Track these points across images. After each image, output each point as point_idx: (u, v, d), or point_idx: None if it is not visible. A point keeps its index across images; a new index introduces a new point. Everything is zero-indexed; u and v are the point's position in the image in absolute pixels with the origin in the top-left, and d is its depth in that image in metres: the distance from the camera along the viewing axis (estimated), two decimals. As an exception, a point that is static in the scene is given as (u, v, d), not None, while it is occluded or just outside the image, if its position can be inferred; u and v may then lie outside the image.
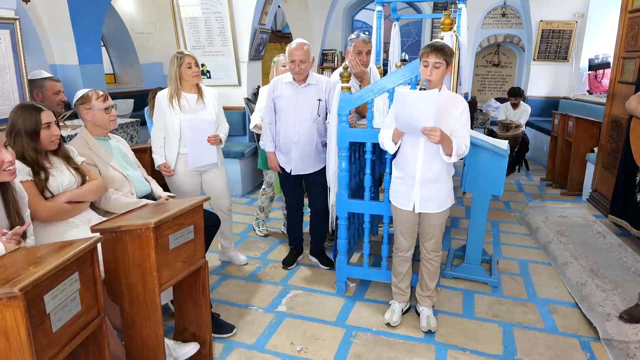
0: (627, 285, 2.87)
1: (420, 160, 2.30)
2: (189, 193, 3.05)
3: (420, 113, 2.07)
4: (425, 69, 2.21)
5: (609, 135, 4.23)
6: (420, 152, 2.30)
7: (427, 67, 2.20)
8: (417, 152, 2.31)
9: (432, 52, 2.17)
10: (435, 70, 2.19)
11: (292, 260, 3.35)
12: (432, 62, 2.18)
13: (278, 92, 3.03)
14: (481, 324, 2.64)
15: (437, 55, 2.17)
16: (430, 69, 2.19)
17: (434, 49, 2.18)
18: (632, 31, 3.84)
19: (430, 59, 2.18)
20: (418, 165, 2.31)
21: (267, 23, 5.34)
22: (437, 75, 2.20)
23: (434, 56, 2.17)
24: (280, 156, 3.13)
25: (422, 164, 2.30)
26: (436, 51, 2.17)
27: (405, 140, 2.34)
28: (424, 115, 2.07)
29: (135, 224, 1.64)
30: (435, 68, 2.19)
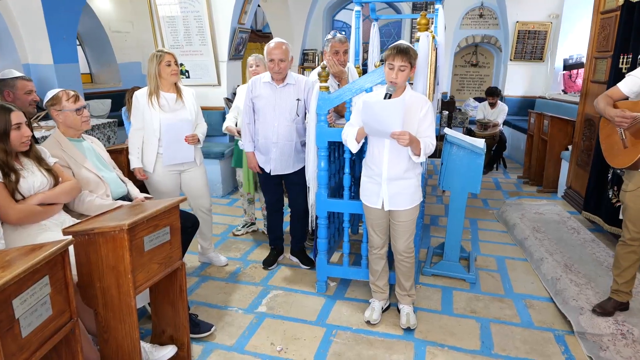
0: (599, 280, 2.95)
1: (386, 158, 2.33)
2: (167, 193, 3.01)
3: (388, 120, 2.12)
4: (390, 71, 2.22)
5: (582, 134, 4.33)
6: (385, 151, 2.33)
7: (392, 70, 2.21)
8: (382, 150, 2.33)
9: (397, 54, 2.19)
10: (400, 72, 2.21)
11: (273, 260, 3.34)
12: (398, 65, 2.20)
13: (257, 92, 3.01)
14: (459, 320, 2.68)
15: (402, 58, 2.19)
16: (395, 71, 2.20)
17: (399, 52, 2.19)
18: (604, 32, 3.94)
19: (396, 62, 2.19)
20: (384, 163, 2.34)
21: (247, 22, 5.32)
22: (402, 78, 2.22)
23: (400, 59, 2.19)
24: (260, 156, 3.12)
25: (388, 162, 2.33)
26: (401, 54, 2.18)
27: (371, 140, 2.37)
28: (391, 122, 2.12)
29: (108, 225, 1.61)
30: (401, 71, 2.21)
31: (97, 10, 7.06)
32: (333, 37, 3.05)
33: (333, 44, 3.03)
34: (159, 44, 5.16)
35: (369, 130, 2.23)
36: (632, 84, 2.37)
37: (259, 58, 3.68)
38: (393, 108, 2.08)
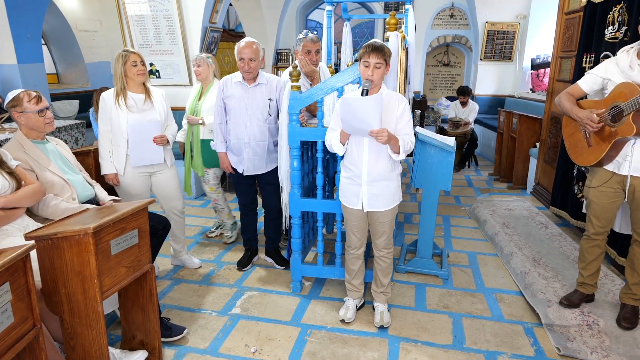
0: (566, 273, 3.04)
1: (366, 159, 2.34)
2: (137, 196, 2.96)
3: (366, 117, 2.11)
4: (366, 69, 2.23)
5: (549, 131, 4.46)
6: (365, 152, 2.33)
7: (368, 67, 2.22)
8: (362, 151, 2.34)
9: (372, 52, 2.20)
10: (376, 70, 2.22)
11: (247, 261, 3.32)
12: (373, 63, 2.20)
13: (228, 92, 2.99)
14: (432, 315, 2.72)
15: (378, 56, 2.20)
16: (371, 68, 2.21)
17: (373, 50, 2.20)
18: (568, 32, 4.06)
19: (372, 59, 2.20)
20: (364, 164, 2.35)
21: (219, 22, 5.26)
22: (378, 75, 2.23)
23: (375, 56, 2.20)
24: (232, 156, 3.09)
25: (367, 163, 2.34)
26: (376, 51, 2.19)
27: (351, 141, 2.37)
28: (370, 119, 2.11)
29: (72, 229, 1.56)
30: (376, 68, 2.21)
31: (63, 9, 6.86)
32: (305, 37, 3.05)
33: (305, 44, 3.03)
34: (127, 43, 5.05)
35: (347, 128, 2.22)
36: (592, 82, 2.44)
37: (200, 58, 3.62)
38: (371, 104, 2.08)
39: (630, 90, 2.18)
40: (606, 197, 2.42)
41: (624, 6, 2.99)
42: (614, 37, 3.10)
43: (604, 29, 3.23)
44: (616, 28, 3.07)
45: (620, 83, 2.24)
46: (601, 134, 2.34)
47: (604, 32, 3.21)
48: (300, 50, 3.06)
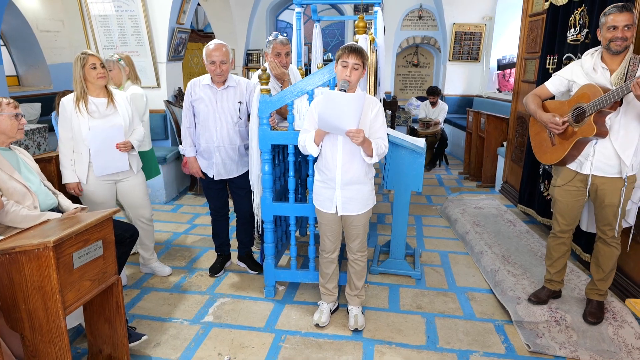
0: (534, 269, 3.12)
1: (340, 162, 2.33)
2: (102, 205, 2.86)
3: (346, 115, 2.09)
4: (344, 69, 2.22)
5: (515, 131, 4.57)
6: (339, 155, 2.32)
7: (346, 68, 2.21)
8: (336, 155, 2.33)
9: (351, 53, 2.19)
10: (354, 71, 2.21)
11: (220, 267, 3.26)
12: (352, 63, 2.20)
13: (196, 95, 2.92)
14: (406, 316, 2.73)
15: (356, 57, 2.19)
16: (349, 69, 2.21)
17: (352, 50, 2.20)
18: (532, 34, 4.17)
19: (350, 59, 2.20)
20: (338, 168, 2.34)
21: (186, 22, 5.16)
22: (355, 77, 2.23)
23: (354, 57, 2.19)
24: (202, 161, 3.03)
25: (341, 167, 2.33)
26: (355, 52, 2.20)
27: (325, 144, 2.35)
28: (349, 117, 2.10)
29: (31, 243, 1.49)
30: (354, 69, 2.21)
31: (23, 9, 6.58)
32: (274, 39, 3.02)
33: (275, 46, 3.01)
34: (91, 44, 4.89)
35: (323, 125, 2.19)
36: (558, 84, 2.51)
37: (111, 61, 3.29)
38: (353, 102, 2.06)
39: (592, 92, 2.24)
40: (570, 196, 2.49)
41: (584, 9, 3.08)
42: (575, 39, 3.19)
43: (566, 31, 3.33)
44: (578, 30, 3.17)
45: (584, 85, 2.31)
46: (564, 133, 2.40)
47: (567, 35, 3.31)
48: (270, 52, 3.03)
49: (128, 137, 2.84)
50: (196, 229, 4.16)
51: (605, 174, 2.35)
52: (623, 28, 2.21)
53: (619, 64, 2.29)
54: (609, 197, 2.37)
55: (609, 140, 2.29)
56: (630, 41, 2.23)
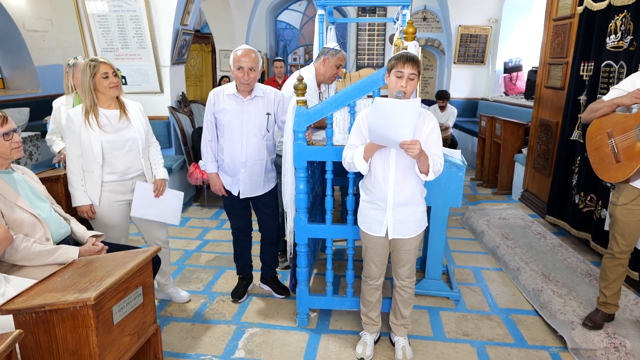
0: (579, 289, 2.95)
1: (392, 182, 2.11)
2: (116, 227, 2.59)
3: (400, 124, 1.87)
4: (398, 79, 2.01)
5: (538, 138, 4.41)
6: (391, 174, 2.11)
7: (401, 78, 2.00)
8: (388, 173, 2.11)
9: (407, 62, 1.99)
10: (410, 81, 2.01)
11: (243, 291, 3.01)
12: (408, 74, 1.99)
13: (220, 106, 2.67)
14: (454, 345, 2.53)
15: (412, 66, 1.99)
16: (405, 79, 2.00)
17: (408, 60, 1.99)
18: (558, 39, 4.01)
19: (406, 69, 1.99)
20: (390, 187, 2.12)
21: (190, 24, 4.88)
22: (411, 87, 2.02)
23: (409, 67, 1.99)
24: (225, 178, 2.77)
25: (394, 186, 2.11)
26: (411, 62, 1.99)
27: (374, 161, 2.13)
28: (404, 127, 1.88)
29: (66, 300, 1.23)
30: (410, 79, 2.01)
31: (9, 7, 6.19)
32: (340, 50, 3.09)
33: (340, 57, 3.07)
34: (88, 46, 4.57)
35: (374, 137, 1.98)
36: (617, 97, 2.34)
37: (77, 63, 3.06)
38: (408, 109, 1.84)
39: (665, 106, 2.07)
40: (633, 215, 2.32)
41: (627, 15, 2.92)
42: (617, 46, 3.03)
43: (604, 37, 3.16)
44: (619, 37, 3.00)
45: (655, 98, 2.13)
46: (631, 150, 2.22)
47: (605, 41, 3.15)
48: (334, 61, 3.03)
49: (145, 153, 2.61)
50: (208, 245, 3.90)
51: (675, 193, 2.18)
52: None
53: (688, 76, 2.12)
54: (677, 217, 2.20)
55: (681, 156, 2.12)
56: None
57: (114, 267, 1.41)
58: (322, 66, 3.09)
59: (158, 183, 2.67)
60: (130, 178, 2.57)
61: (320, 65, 3.10)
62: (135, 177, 2.59)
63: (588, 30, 3.36)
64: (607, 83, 3.14)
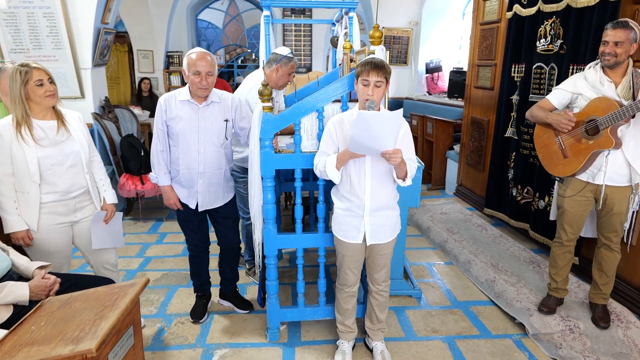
0: (526, 276, 3.16)
1: (369, 188, 2.09)
2: (58, 253, 2.29)
3: (383, 135, 1.86)
4: (365, 88, 1.99)
5: (470, 135, 4.68)
6: (367, 180, 2.09)
7: (367, 87, 1.98)
8: (364, 179, 2.09)
9: (373, 70, 1.96)
10: (376, 89, 1.99)
11: (203, 310, 2.81)
12: (374, 81, 1.97)
13: (172, 113, 2.45)
14: (427, 343, 2.58)
15: (378, 74, 1.97)
16: (371, 87, 1.98)
17: (374, 67, 1.96)
18: (486, 42, 4.28)
19: (372, 77, 1.96)
20: (367, 193, 2.09)
21: (111, 22, 4.46)
22: (378, 95, 2.00)
23: (375, 75, 1.96)
24: (181, 190, 2.56)
25: (370, 192, 2.09)
26: (376, 69, 1.96)
27: (349, 169, 2.09)
28: (386, 138, 1.87)
29: (61, 355, 1.02)
30: (377, 87, 1.99)
31: None
32: (292, 57, 2.99)
33: (293, 65, 2.97)
34: (-10, 46, 3.99)
35: (356, 148, 1.93)
36: (562, 97, 2.53)
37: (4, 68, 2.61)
38: (391, 121, 1.83)
39: (607, 105, 2.28)
40: (580, 206, 2.53)
41: (557, 20, 3.19)
42: (547, 49, 3.30)
43: (534, 41, 3.43)
44: (549, 41, 3.27)
45: (597, 98, 2.34)
46: (577, 146, 2.42)
47: (535, 44, 3.41)
48: (286, 69, 2.91)
49: (89, 168, 2.35)
50: (152, 263, 3.60)
51: (615, 183, 2.41)
52: (613, 44, 2.27)
53: (621, 77, 2.35)
54: (617, 206, 2.44)
55: (620, 150, 2.35)
56: (621, 57, 2.28)
57: (101, 306, 1.20)
58: (274, 73, 2.97)
59: (110, 208, 2.42)
60: (73, 197, 2.27)
61: (272, 73, 2.98)
62: (78, 195, 2.30)
63: (518, 34, 3.62)
64: (538, 84, 3.41)
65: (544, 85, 3.35)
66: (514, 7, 3.59)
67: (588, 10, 2.87)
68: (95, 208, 2.39)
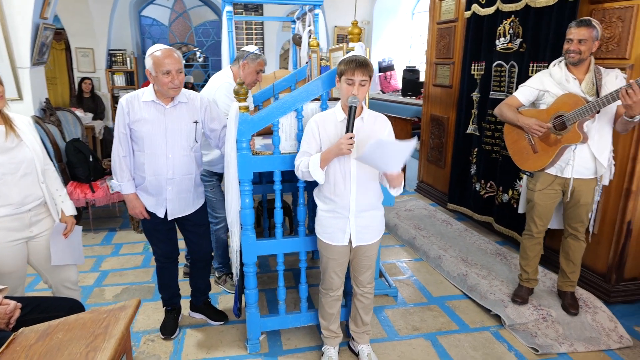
0: (496, 268, 3.25)
1: (354, 188, 2.04)
2: (13, 273, 2.04)
3: (393, 160, 1.88)
4: (349, 87, 1.93)
5: (430, 132, 4.77)
6: (353, 180, 2.03)
7: (351, 86, 1.93)
8: (349, 180, 2.03)
9: (357, 68, 1.91)
10: (361, 88, 1.94)
11: (174, 325, 2.64)
12: (359, 80, 1.92)
13: (136, 116, 2.27)
14: (410, 342, 2.57)
15: (363, 73, 1.92)
16: (356, 87, 1.93)
17: (358, 66, 1.91)
18: (443, 41, 4.37)
19: (357, 77, 1.91)
20: (352, 194, 2.04)
21: (50, 17, 4.10)
22: (363, 93, 1.96)
23: (360, 74, 1.91)
24: (148, 198, 2.38)
25: (356, 193, 2.04)
26: (361, 68, 1.91)
27: (334, 169, 2.03)
28: (396, 162, 1.89)
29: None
30: (361, 85, 1.94)
31: None
32: (260, 55, 2.85)
33: (261, 62, 2.82)
34: None
35: (362, 160, 1.90)
36: (528, 94, 2.60)
37: None
38: (405, 151, 1.84)
39: (574, 101, 2.36)
40: (549, 199, 2.62)
41: (515, 20, 3.29)
42: (507, 47, 3.40)
43: (494, 40, 3.52)
44: (508, 39, 3.38)
45: (564, 94, 2.42)
46: (546, 141, 2.50)
47: (495, 43, 3.51)
48: (254, 66, 2.77)
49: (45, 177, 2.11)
50: (109, 277, 3.34)
51: (582, 176, 2.51)
52: (577, 41, 2.37)
53: (584, 74, 2.45)
54: (584, 197, 2.54)
55: (586, 145, 2.45)
56: (585, 55, 2.39)
57: (90, 336, 1.05)
58: (241, 71, 2.86)
59: (69, 221, 2.20)
60: (28, 210, 2.03)
61: (239, 70, 2.86)
62: (34, 207, 2.06)
63: (477, 33, 3.71)
64: (499, 81, 3.51)
65: (504, 82, 3.46)
66: (472, 6, 3.68)
67: (547, 10, 2.98)
68: (53, 221, 2.16)
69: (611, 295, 2.79)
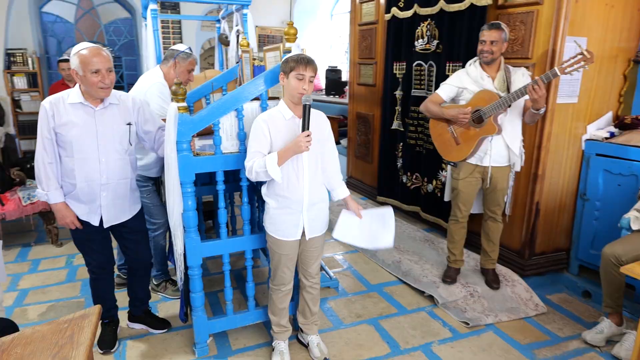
0: (425, 253, 3.49)
1: (307, 183, 2.13)
2: None
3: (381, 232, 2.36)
4: (300, 82, 2.02)
5: (357, 129, 4.96)
6: (305, 175, 2.12)
7: (302, 81, 2.02)
8: (302, 175, 2.11)
9: (308, 65, 2.02)
10: (310, 84, 2.04)
11: (113, 338, 2.51)
12: (309, 76, 2.03)
13: (62, 119, 2.13)
14: (355, 328, 2.69)
15: (313, 69, 2.04)
16: (307, 82, 2.03)
17: (309, 62, 2.03)
18: (365, 42, 4.57)
19: (307, 72, 2.02)
20: (305, 188, 2.12)
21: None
22: (311, 90, 2.06)
23: (311, 70, 2.03)
24: (79, 206, 2.24)
25: (309, 187, 2.13)
26: (311, 64, 2.04)
27: (287, 166, 2.08)
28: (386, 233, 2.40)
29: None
30: (310, 82, 2.04)
31: None
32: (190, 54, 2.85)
33: (192, 61, 2.83)
34: None
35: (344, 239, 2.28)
36: (449, 91, 2.85)
37: None
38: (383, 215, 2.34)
39: (489, 97, 2.63)
40: (471, 186, 2.89)
41: (432, 22, 3.55)
42: (425, 48, 3.66)
43: (413, 41, 3.77)
44: (426, 41, 3.64)
45: (480, 90, 2.68)
46: (467, 133, 2.75)
47: (414, 44, 3.76)
48: (185, 66, 2.76)
49: None
50: (30, 295, 3.08)
51: (498, 164, 2.80)
52: (490, 43, 2.65)
53: (496, 72, 2.74)
54: (500, 183, 2.84)
55: (501, 136, 2.73)
56: (496, 55, 2.68)
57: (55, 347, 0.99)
58: (171, 70, 2.81)
59: None
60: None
61: (169, 69, 2.80)
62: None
63: (397, 34, 3.94)
64: (419, 80, 3.77)
65: (424, 81, 3.72)
66: (392, 9, 3.91)
67: (459, 14, 3.26)
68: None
69: (525, 269, 3.13)
